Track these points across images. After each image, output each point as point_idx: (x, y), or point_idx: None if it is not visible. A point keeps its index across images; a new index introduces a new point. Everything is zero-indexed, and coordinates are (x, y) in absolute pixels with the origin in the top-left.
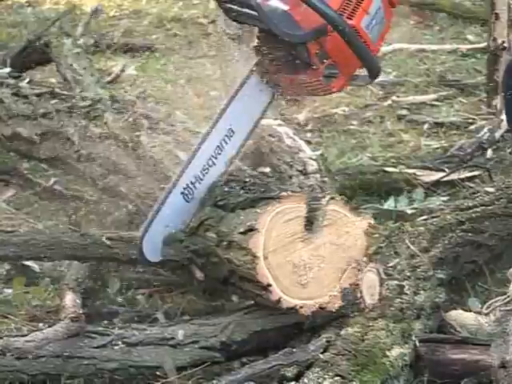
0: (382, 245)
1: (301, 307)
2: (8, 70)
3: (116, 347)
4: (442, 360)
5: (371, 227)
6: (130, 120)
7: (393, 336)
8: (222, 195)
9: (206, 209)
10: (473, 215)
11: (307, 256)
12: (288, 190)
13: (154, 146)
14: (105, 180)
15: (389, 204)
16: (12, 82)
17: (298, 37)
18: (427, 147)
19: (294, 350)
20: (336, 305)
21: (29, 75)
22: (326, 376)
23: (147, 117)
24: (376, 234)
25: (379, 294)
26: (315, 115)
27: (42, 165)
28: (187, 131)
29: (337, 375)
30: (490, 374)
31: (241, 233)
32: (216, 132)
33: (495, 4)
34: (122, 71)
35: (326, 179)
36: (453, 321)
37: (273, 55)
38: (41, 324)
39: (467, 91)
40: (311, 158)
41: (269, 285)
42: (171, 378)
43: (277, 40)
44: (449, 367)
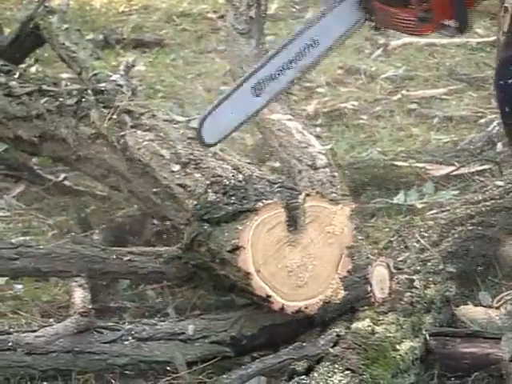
0: (392, 239)
1: (306, 307)
2: None
3: (126, 342)
4: (453, 354)
5: (353, 211)
6: (114, 117)
7: (403, 330)
8: (205, 208)
9: (194, 224)
10: (483, 209)
11: (298, 258)
12: (262, 199)
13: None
14: (106, 180)
15: (399, 198)
16: (3, 81)
17: None
18: (437, 141)
19: (304, 345)
20: (339, 295)
21: (18, 70)
22: (336, 370)
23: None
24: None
25: (389, 288)
26: (325, 109)
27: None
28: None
29: (347, 369)
30: (501, 368)
31: (229, 251)
32: (301, 39)
33: None
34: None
35: (336, 174)
36: (463, 315)
37: None
38: (51, 319)
39: (477, 85)
40: (321, 153)
41: (268, 296)
42: (181, 373)
43: None
44: (459, 361)
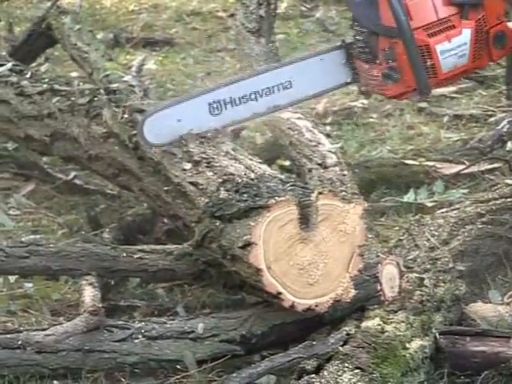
0: (402, 237)
1: (316, 306)
2: (10, 66)
3: (136, 341)
4: (463, 352)
5: (365, 210)
6: (126, 116)
7: (413, 328)
8: (217, 205)
9: (206, 220)
10: (493, 207)
11: (310, 255)
12: (275, 196)
13: None
14: (117, 179)
15: (409, 197)
16: (15, 80)
17: (372, 24)
18: (447, 140)
19: (314, 343)
20: (350, 294)
21: (30, 70)
22: (346, 369)
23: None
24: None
25: (399, 287)
26: (334, 108)
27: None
28: None
29: (357, 368)
30: (511, 366)
31: (240, 247)
32: (275, 74)
33: None
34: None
35: (346, 172)
36: (473, 313)
37: (357, 37)
38: (61, 318)
39: (487, 83)
40: (331, 151)
41: (279, 293)
42: (191, 372)
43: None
44: (469, 359)
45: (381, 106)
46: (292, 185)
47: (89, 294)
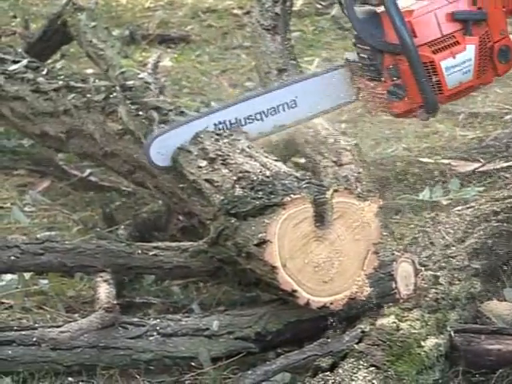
0: (417, 235)
1: (331, 303)
2: (25, 63)
3: (151, 338)
4: (478, 350)
5: (380, 208)
6: (142, 113)
7: (428, 326)
8: (232, 202)
9: (221, 218)
10: (508, 205)
11: (325, 253)
12: (290, 193)
13: None
14: (133, 176)
15: (424, 194)
16: (31, 77)
17: (376, 42)
18: (462, 137)
19: (329, 341)
20: (365, 292)
21: (46, 67)
22: (361, 366)
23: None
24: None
25: (414, 285)
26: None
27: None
28: None
29: (372, 365)
30: None
31: (255, 245)
32: (280, 93)
33: None
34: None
35: (361, 170)
36: (488, 311)
37: (361, 55)
38: (76, 315)
39: (502, 81)
40: (346, 149)
41: (294, 291)
42: (206, 369)
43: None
44: (484, 358)
45: None
46: (307, 182)
47: (104, 291)
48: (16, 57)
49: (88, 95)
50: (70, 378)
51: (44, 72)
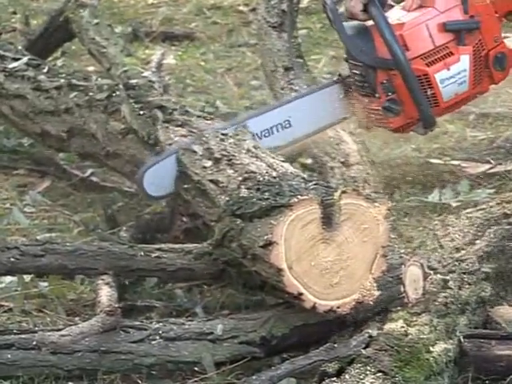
0: (427, 238)
1: (338, 307)
2: (26, 60)
3: (153, 342)
4: (488, 356)
5: (389, 210)
6: (146, 112)
7: (437, 331)
8: (238, 203)
9: (226, 219)
10: None
11: (332, 256)
12: (297, 195)
13: (171, 144)
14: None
15: (433, 196)
16: (32, 75)
17: (368, 58)
18: (473, 138)
19: (336, 346)
20: (372, 296)
21: (47, 64)
22: (368, 372)
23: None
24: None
25: (423, 289)
26: None
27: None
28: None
29: (379, 371)
30: None
31: (261, 246)
32: (273, 114)
33: None
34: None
35: (369, 171)
36: (499, 316)
37: (353, 71)
38: (77, 318)
39: None
40: (354, 150)
41: (300, 294)
42: (210, 374)
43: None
44: (494, 363)
45: None
46: (315, 183)
47: (105, 294)
48: (16, 54)
49: (90, 93)
50: (71, 383)
51: (45, 70)
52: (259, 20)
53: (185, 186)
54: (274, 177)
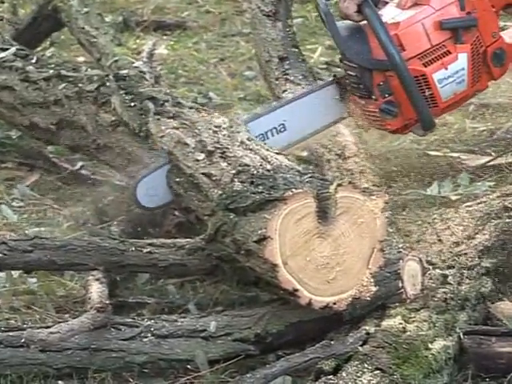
0: (425, 232)
1: (334, 304)
2: (14, 50)
3: (145, 339)
4: (488, 353)
5: (387, 203)
6: (137, 104)
7: (436, 328)
8: (231, 197)
9: (219, 213)
10: None
11: (328, 251)
12: (292, 188)
13: (163, 136)
14: (127, 170)
15: (432, 189)
16: (20, 66)
17: (363, 60)
18: (473, 130)
19: (332, 343)
20: (370, 292)
21: (36, 55)
22: (366, 370)
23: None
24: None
25: (421, 284)
26: None
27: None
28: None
29: (377, 369)
30: None
31: (255, 241)
32: (268, 119)
33: None
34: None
35: (366, 163)
36: (499, 312)
37: (348, 72)
38: (66, 315)
39: None
40: (350, 142)
41: (295, 290)
42: (203, 372)
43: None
44: (495, 361)
45: None
46: (310, 176)
47: (96, 290)
48: (4, 44)
49: (80, 85)
50: (61, 382)
51: (33, 60)
52: (253, 9)
53: (177, 180)
54: (268, 170)
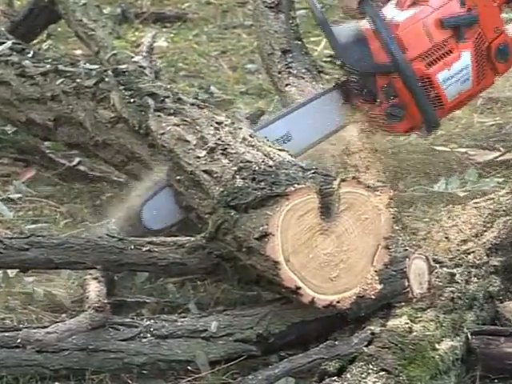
0: (432, 229)
1: (338, 302)
2: (10, 44)
3: (144, 340)
4: (496, 354)
5: (391, 199)
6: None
7: (443, 328)
8: (232, 194)
9: (220, 210)
10: None
11: (331, 247)
12: (294, 183)
13: (163, 133)
14: (126, 167)
15: (439, 186)
16: (16, 60)
17: (365, 66)
18: (481, 124)
19: (336, 343)
20: (375, 290)
21: (32, 48)
22: (371, 371)
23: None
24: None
25: (428, 283)
26: None
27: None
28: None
29: (382, 370)
30: None
31: (256, 238)
32: (272, 129)
33: None
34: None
35: (372, 159)
36: (508, 312)
37: (351, 77)
38: (64, 315)
39: None
40: (355, 137)
41: (297, 288)
42: (204, 373)
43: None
44: (503, 361)
45: None
46: (313, 172)
47: (94, 290)
48: None
49: (78, 80)
50: (57, 383)
51: (30, 54)
52: (255, 0)
53: (178, 178)
54: (271, 166)
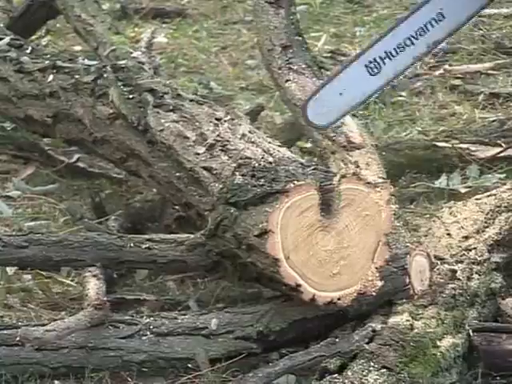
0: (434, 226)
1: (338, 299)
2: (8, 40)
3: (144, 337)
4: (498, 351)
5: (392, 195)
6: (135, 96)
7: (444, 325)
8: (232, 191)
9: (220, 208)
10: None
11: (331, 244)
12: (294, 180)
13: (162, 130)
14: (125, 164)
15: (440, 182)
16: (14, 56)
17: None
18: (482, 120)
19: (337, 340)
20: (375, 287)
21: (31, 44)
22: (372, 368)
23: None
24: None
25: (429, 280)
26: None
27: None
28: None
29: (383, 367)
30: None
31: (256, 236)
32: (422, 12)
33: None
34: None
35: (372, 155)
36: (510, 308)
37: None
38: (63, 313)
39: None
40: (356, 133)
41: (298, 285)
42: (204, 371)
43: None
44: (505, 358)
45: (410, 84)
46: (313, 168)
47: (93, 287)
48: None
49: (76, 76)
50: (57, 382)
51: (28, 50)
52: None
53: (177, 175)
54: (270, 162)
